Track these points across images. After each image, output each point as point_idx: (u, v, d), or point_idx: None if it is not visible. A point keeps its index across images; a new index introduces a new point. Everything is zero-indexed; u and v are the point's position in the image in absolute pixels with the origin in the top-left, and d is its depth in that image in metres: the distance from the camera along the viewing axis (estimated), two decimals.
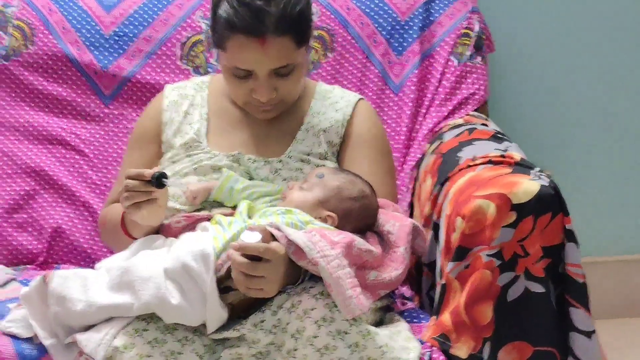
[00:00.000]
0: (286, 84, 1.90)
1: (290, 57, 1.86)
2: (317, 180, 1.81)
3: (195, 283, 1.63)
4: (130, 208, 1.74)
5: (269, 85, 1.88)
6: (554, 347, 1.71)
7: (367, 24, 2.35)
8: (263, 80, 1.87)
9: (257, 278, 1.61)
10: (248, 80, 1.88)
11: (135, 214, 1.75)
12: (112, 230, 1.93)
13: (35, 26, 2.30)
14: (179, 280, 1.63)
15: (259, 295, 1.63)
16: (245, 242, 1.61)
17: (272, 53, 1.83)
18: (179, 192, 1.88)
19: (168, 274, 1.63)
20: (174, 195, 1.89)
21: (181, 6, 2.34)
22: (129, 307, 1.63)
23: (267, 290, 1.63)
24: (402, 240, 1.79)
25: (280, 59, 1.85)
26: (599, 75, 2.65)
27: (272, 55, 1.84)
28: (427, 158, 2.12)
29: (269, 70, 1.86)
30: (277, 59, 1.85)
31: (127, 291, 1.64)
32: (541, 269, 1.69)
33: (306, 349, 1.61)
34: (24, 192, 2.24)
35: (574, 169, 2.69)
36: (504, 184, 1.70)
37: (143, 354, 1.60)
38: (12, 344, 1.68)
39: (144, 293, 1.62)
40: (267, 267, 1.61)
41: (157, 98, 2.09)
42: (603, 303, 2.69)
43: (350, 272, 1.63)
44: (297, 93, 1.96)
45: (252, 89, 1.89)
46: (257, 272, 1.61)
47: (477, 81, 2.32)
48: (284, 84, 1.89)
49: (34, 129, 2.27)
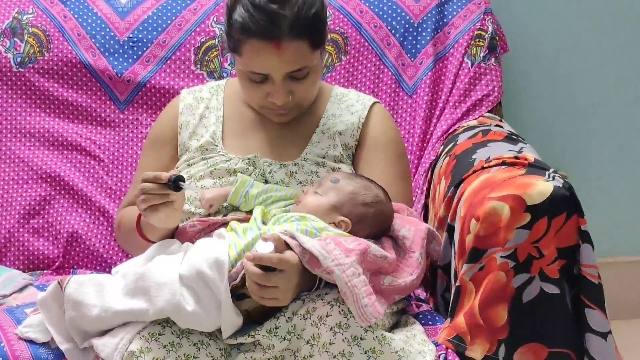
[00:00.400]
0: (302, 87, 1.90)
1: (305, 60, 1.86)
2: (331, 185, 1.81)
3: (210, 290, 1.63)
4: (146, 211, 1.74)
5: (285, 88, 1.88)
6: (570, 349, 1.70)
7: (381, 27, 2.35)
8: (279, 84, 1.87)
9: (271, 288, 1.61)
10: (264, 84, 1.88)
11: (152, 217, 1.75)
12: (127, 233, 1.94)
13: (51, 33, 2.31)
14: (194, 287, 1.63)
15: (273, 304, 1.63)
16: (259, 253, 1.61)
17: (287, 57, 1.83)
18: (195, 195, 1.89)
19: (183, 281, 1.64)
20: (190, 198, 1.89)
21: (195, 11, 2.35)
22: (144, 313, 1.63)
23: (281, 299, 1.63)
24: (417, 245, 1.79)
25: (296, 63, 1.85)
26: (613, 76, 2.64)
27: (288, 59, 1.84)
28: (441, 160, 2.12)
29: (285, 74, 1.86)
30: (293, 62, 1.85)
31: (142, 297, 1.64)
32: (556, 270, 1.69)
33: (322, 356, 1.61)
34: (40, 198, 2.25)
35: (589, 169, 2.68)
36: (518, 186, 1.70)
37: (159, 358, 1.60)
38: (29, 349, 1.69)
39: (159, 299, 1.62)
40: (280, 278, 1.61)
41: (173, 102, 2.10)
42: (619, 304, 2.68)
43: (365, 280, 1.62)
44: (312, 96, 1.96)
45: (268, 92, 1.89)
46: (270, 283, 1.61)
47: (491, 82, 2.32)
48: (300, 87, 1.89)
49: (49, 135, 2.29)
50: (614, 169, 2.69)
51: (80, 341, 1.68)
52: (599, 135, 2.67)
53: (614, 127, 2.67)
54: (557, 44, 2.61)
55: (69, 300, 1.67)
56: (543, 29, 2.59)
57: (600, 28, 2.61)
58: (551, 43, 2.60)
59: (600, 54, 2.62)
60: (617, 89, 2.65)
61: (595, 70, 2.63)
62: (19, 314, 1.82)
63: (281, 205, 1.86)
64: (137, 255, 1.80)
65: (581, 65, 2.62)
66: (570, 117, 2.65)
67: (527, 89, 2.61)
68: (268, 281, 1.61)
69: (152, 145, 2.06)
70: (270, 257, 1.61)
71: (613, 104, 2.66)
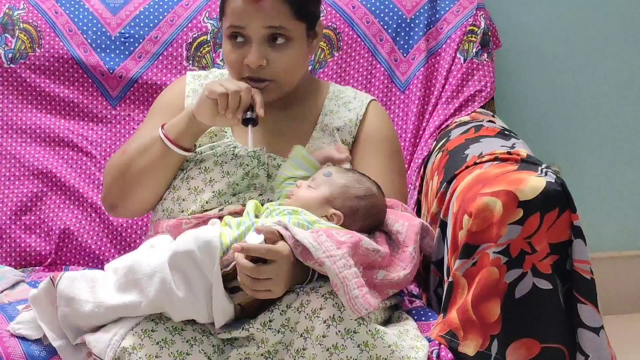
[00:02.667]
0: (278, 57, 1.89)
1: (284, 21, 1.87)
2: (324, 178, 1.82)
3: (200, 271, 1.63)
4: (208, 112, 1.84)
5: (260, 50, 1.88)
6: (562, 344, 1.71)
7: (373, 22, 2.35)
8: (255, 43, 1.88)
9: (263, 280, 1.61)
10: (242, 48, 1.90)
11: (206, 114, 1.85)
12: (142, 156, 1.91)
13: (42, 29, 2.31)
14: (183, 268, 1.62)
15: (266, 296, 1.64)
16: (248, 244, 1.61)
17: (265, 11, 1.86)
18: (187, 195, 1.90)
19: (173, 263, 1.63)
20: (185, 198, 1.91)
21: (187, 7, 2.34)
22: (136, 306, 1.63)
23: (274, 291, 1.63)
24: (410, 239, 1.79)
25: (274, 19, 1.86)
26: (605, 71, 2.65)
27: (266, 13, 1.86)
28: (434, 156, 2.12)
29: (261, 28, 1.87)
30: (271, 17, 1.86)
31: (133, 290, 1.64)
32: (548, 265, 1.69)
33: (315, 349, 1.61)
34: (32, 194, 2.24)
35: (581, 164, 2.68)
36: (511, 181, 1.70)
37: (152, 354, 1.60)
38: (21, 346, 1.69)
39: (150, 289, 1.62)
40: (272, 269, 1.61)
41: (180, 81, 2.09)
42: (611, 299, 2.69)
43: (356, 272, 1.63)
44: (291, 76, 1.95)
45: (245, 57, 1.90)
46: (262, 275, 1.61)
47: (484, 78, 2.32)
48: (276, 56, 1.89)
49: (41, 131, 2.28)
50: (606, 164, 2.70)
51: (73, 337, 1.68)
52: (591, 131, 2.67)
53: (606, 122, 2.67)
54: (550, 40, 2.61)
55: (61, 297, 1.66)
56: (535, 24, 2.59)
57: (592, 23, 2.61)
58: (543, 39, 2.61)
59: (592, 49, 2.63)
60: (609, 84, 2.65)
61: (587, 65, 2.64)
62: (10, 310, 1.82)
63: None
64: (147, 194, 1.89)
65: (573, 60, 2.63)
66: (563, 112, 2.65)
67: (519, 85, 2.61)
68: (259, 273, 1.61)
69: (162, 109, 2.03)
70: (259, 247, 1.61)
71: (605, 100, 2.66)
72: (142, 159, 1.90)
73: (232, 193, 1.90)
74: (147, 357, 1.60)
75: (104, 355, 1.61)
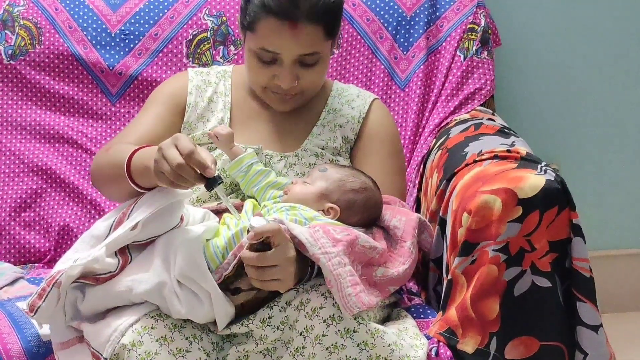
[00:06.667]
0: (309, 75, 1.91)
1: (318, 46, 1.88)
2: (319, 174, 1.82)
3: (200, 287, 1.63)
4: (165, 182, 1.62)
5: (293, 72, 1.89)
6: (561, 342, 1.71)
7: (373, 20, 2.35)
8: (287, 66, 1.88)
9: (271, 268, 1.60)
10: (271, 66, 1.89)
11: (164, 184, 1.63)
12: (111, 170, 1.79)
13: (42, 25, 2.31)
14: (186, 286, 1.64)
15: (275, 287, 1.62)
16: (258, 227, 1.59)
17: (301, 39, 1.85)
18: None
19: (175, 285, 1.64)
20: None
21: (187, 4, 2.34)
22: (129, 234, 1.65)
23: (283, 279, 1.61)
24: (408, 234, 1.79)
25: (309, 46, 1.86)
26: (605, 69, 2.64)
27: (302, 41, 1.85)
28: (434, 153, 2.12)
29: (296, 56, 1.87)
30: (306, 45, 1.86)
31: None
32: (548, 263, 1.69)
33: (314, 348, 1.61)
34: (32, 191, 2.25)
35: (581, 163, 2.68)
36: (510, 179, 1.70)
37: (151, 351, 1.60)
38: (20, 342, 1.69)
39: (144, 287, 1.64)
40: (276, 254, 1.60)
41: (182, 75, 2.08)
42: (610, 297, 2.69)
43: (351, 270, 1.63)
44: (317, 87, 1.97)
45: (275, 75, 1.90)
46: (268, 262, 1.59)
47: (484, 76, 2.32)
48: (307, 74, 1.90)
49: (41, 128, 2.28)
50: (606, 162, 2.69)
51: (70, 317, 1.67)
52: (590, 129, 2.67)
53: (606, 120, 2.67)
54: (550, 38, 2.61)
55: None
56: (535, 22, 2.59)
57: (592, 21, 2.61)
58: (543, 36, 2.60)
59: (592, 47, 2.63)
60: (609, 82, 2.65)
61: (587, 63, 2.63)
62: (10, 307, 1.82)
63: (275, 195, 1.86)
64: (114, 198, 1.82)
65: (573, 58, 2.63)
66: (563, 110, 2.65)
67: (519, 83, 2.61)
68: (265, 260, 1.59)
69: (164, 99, 2.01)
70: (269, 227, 1.59)
71: (605, 98, 2.66)
72: (111, 171, 1.80)
73: (230, 193, 1.90)
74: (147, 354, 1.60)
75: (103, 350, 1.61)
